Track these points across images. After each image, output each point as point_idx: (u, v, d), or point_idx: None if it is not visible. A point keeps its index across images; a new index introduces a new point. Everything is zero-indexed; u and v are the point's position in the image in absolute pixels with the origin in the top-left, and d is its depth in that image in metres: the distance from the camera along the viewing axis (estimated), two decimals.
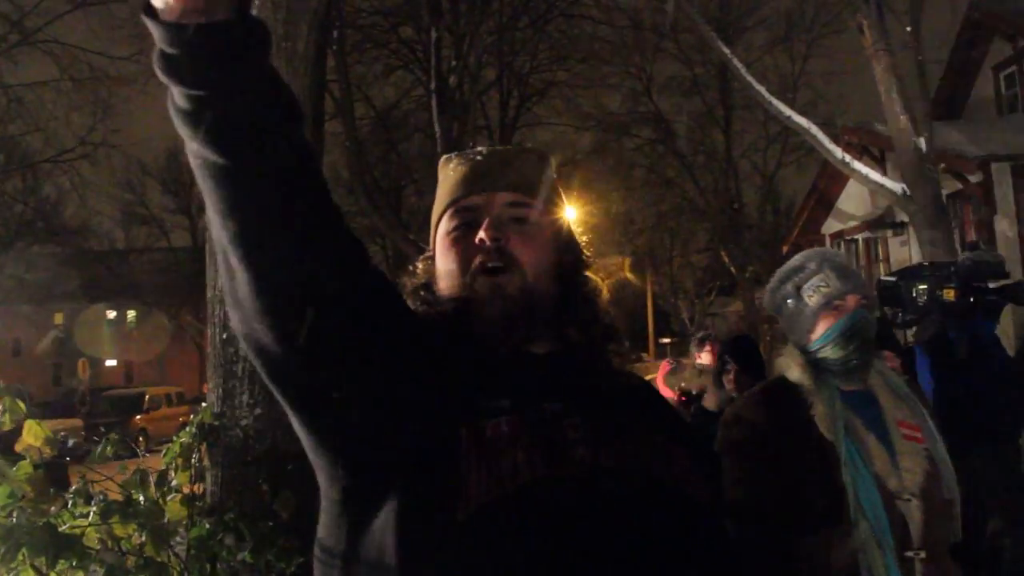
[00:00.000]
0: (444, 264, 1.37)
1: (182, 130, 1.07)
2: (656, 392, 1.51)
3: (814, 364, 2.15)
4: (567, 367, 1.31)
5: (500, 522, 1.09)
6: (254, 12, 1.08)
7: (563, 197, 1.50)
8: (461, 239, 1.35)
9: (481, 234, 1.31)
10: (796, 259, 2.28)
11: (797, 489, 1.99)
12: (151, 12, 1.01)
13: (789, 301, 2.22)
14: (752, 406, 2.21)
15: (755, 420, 2.15)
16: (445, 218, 1.39)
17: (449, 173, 1.44)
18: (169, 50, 1.02)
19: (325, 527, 1.25)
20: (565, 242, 1.42)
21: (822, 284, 2.15)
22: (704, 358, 6.69)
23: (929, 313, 4.27)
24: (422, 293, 1.39)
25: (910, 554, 1.94)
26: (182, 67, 1.02)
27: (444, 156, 1.49)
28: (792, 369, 2.17)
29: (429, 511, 1.11)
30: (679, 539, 1.16)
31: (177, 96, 1.05)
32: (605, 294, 1.43)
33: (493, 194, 1.36)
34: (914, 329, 4.67)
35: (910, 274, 4.54)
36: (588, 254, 1.47)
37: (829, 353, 2.12)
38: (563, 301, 1.35)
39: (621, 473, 1.17)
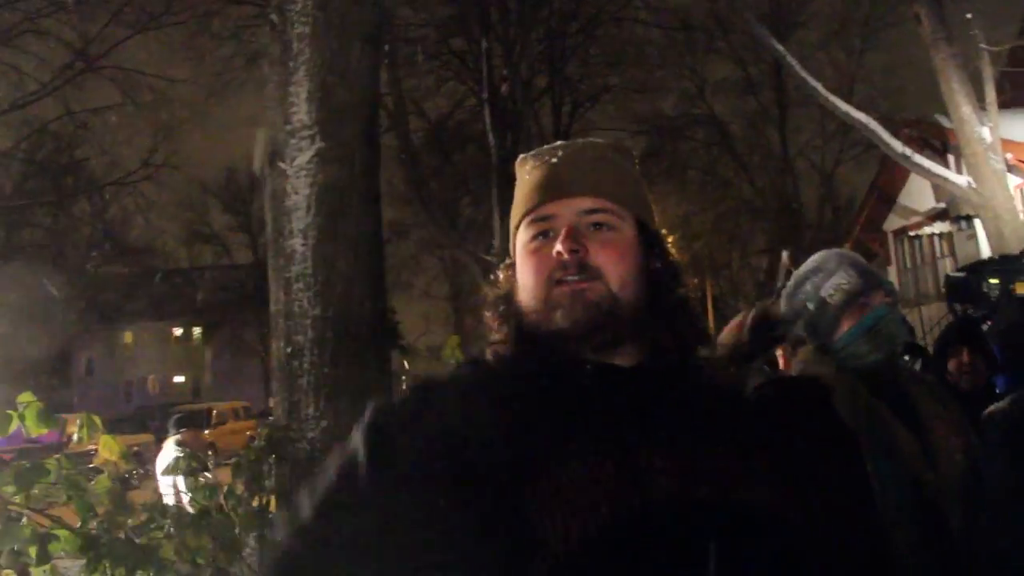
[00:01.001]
0: (523, 276, 1.30)
1: None
2: (745, 396, 1.39)
3: (840, 361, 2.11)
4: (655, 383, 1.23)
5: (583, 569, 1.05)
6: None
7: (646, 193, 1.42)
8: (539, 250, 1.28)
9: (558, 246, 1.23)
10: (811, 261, 2.24)
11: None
12: None
13: (809, 304, 2.18)
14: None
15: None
16: (522, 227, 1.33)
17: (525, 177, 1.37)
18: None
19: None
20: (652, 244, 1.34)
21: (843, 283, 2.12)
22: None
23: (1002, 307, 4.16)
24: (502, 307, 1.33)
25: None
26: None
27: (521, 156, 1.41)
28: (815, 368, 2.13)
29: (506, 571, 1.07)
30: (773, 570, 1.10)
31: None
32: (697, 296, 1.37)
33: (569, 200, 1.29)
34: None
35: (980, 268, 4.43)
36: (677, 256, 1.38)
37: (854, 351, 2.09)
38: (653, 308, 1.28)
39: (710, 503, 1.11)
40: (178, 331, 45.99)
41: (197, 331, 45.65)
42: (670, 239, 1.42)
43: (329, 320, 3.25)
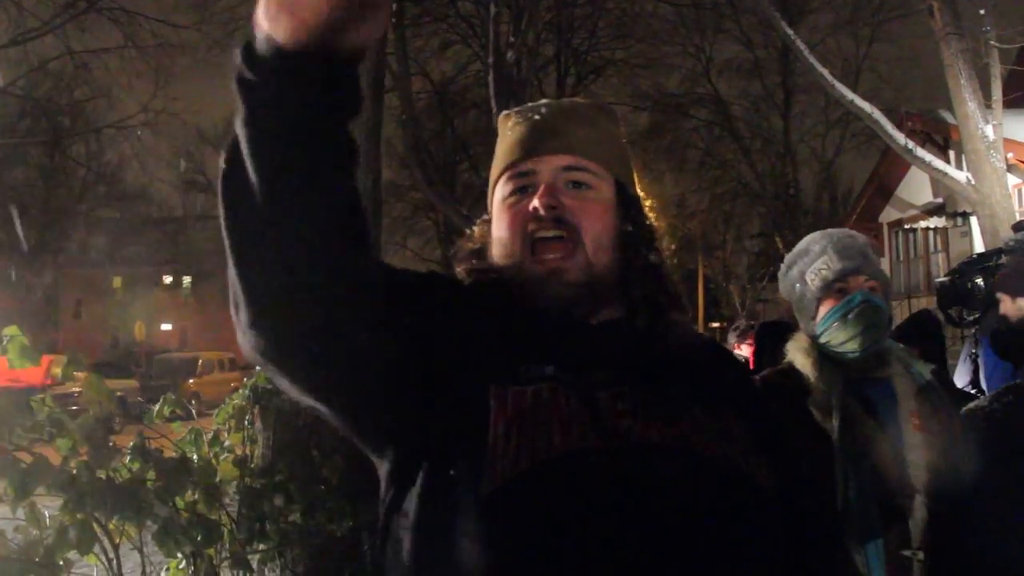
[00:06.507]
0: (498, 231, 1.30)
1: (238, 98, 0.99)
2: (729, 360, 1.41)
3: (822, 351, 2.04)
4: (624, 336, 1.24)
5: (525, 497, 1.04)
6: None
7: (628, 156, 1.41)
8: (515, 205, 1.28)
9: (535, 202, 1.24)
10: (802, 242, 2.18)
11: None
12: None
13: (796, 286, 2.12)
14: None
15: None
16: (501, 182, 1.33)
17: (507, 132, 1.36)
18: (262, 52, 0.95)
19: (381, 496, 1.21)
20: (629, 207, 1.33)
21: (823, 267, 2.05)
22: (745, 350, 6.63)
23: (991, 305, 4.16)
24: (474, 260, 1.33)
25: (907, 552, 1.82)
26: (260, 86, 0.96)
27: (504, 112, 1.41)
28: (797, 356, 2.07)
29: (454, 486, 1.07)
30: (726, 518, 1.08)
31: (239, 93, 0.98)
32: (671, 262, 1.36)
33: (550, 157, 1.28)
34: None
35: (965, 269, 4.42)
36: (652, 219, 1.38)
37: (830, 338, 2.02)
38: (625, 270, 1.28)
39: (668, 448, 1.10)
40: (167, 279, 45.86)
41: (187, 280, 45.52)
42: (652, 214, 1.41)
43: None
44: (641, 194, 1.44)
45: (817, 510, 1.35)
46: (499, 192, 1.33)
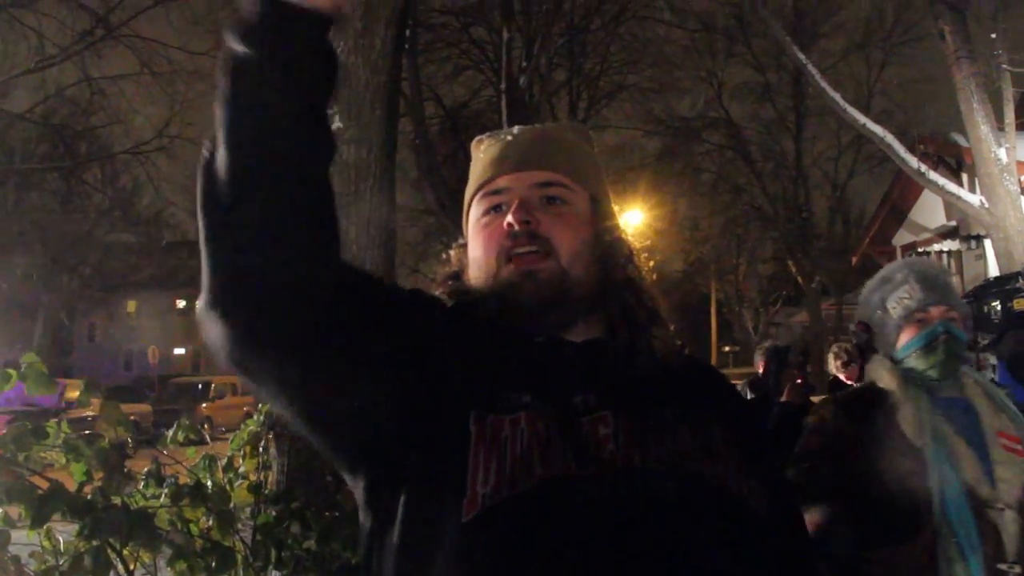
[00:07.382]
0: (474, 251, 1.29)
1: (222, 67, 1.02)
2: (714, 377, 1.37)
3: (904, 373, 2.13)
4: (606, 356, 1.21)
5: (506, 526, 1.01)
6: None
7: (601, 172, 1.40)
8: (490, 224, 1.27)
9: (509, 218, 1.22)
10: (886, 269, 2.29)
11: (878, 498, 1.93)
12: None
13: (877, 312, 2.23)
14: (838, 412, 2.18)
15: (839, 427, 2.12)
16: (475, 203, 1.32)
17: (480, 156, 1.37)
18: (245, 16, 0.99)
19: (360, 522, 1.20)
20: (604, 222, 1.32)
21: (905, 296, 2.15)
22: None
23: (1007, 328, 4.15)
24: (451, 282, 1.32)
25: (1003, 566, 1.86)
26: (257, 27, 0.99)
27: (477, 138, 1.41)
28: (882, 376, 2.16)
29: (433, 513, 1.05)
30: (715, 540, 1.05)
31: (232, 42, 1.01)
32: (651, 277, 1.33)
33: (522, 174, 1.28)
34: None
35: (981, 293, 4.42)
36: (629, 234, 1.36)
37: (912, 364, 2.11)
38: (603, 285, 1.26)
39: (653, 471, 1.07)
40: (181, 303, 46.06)
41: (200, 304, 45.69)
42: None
43: None
44: (651, 215, 1.44)
45: (804, 531, 1.32)
46: (473, 212, 1.33)
